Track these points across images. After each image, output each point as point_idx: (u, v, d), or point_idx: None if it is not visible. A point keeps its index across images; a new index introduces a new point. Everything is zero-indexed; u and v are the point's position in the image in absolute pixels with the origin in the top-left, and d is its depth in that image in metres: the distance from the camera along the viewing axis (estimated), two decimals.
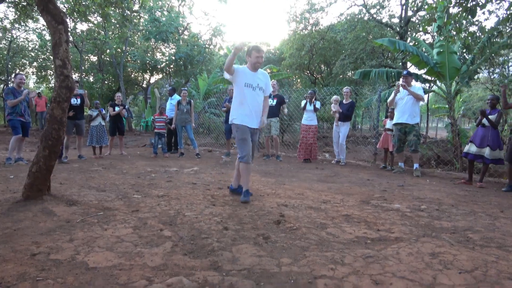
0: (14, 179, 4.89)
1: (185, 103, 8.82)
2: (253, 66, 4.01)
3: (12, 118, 6.65)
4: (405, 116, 6.66)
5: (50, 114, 3.48)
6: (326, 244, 2.61)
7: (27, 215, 3.05)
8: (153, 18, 12.24)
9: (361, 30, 15.24)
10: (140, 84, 23.60)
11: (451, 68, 7.81)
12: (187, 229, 2.87)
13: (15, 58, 21.59)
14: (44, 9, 3.38)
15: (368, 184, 5.45)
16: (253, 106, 3.97)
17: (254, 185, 5.06)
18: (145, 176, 5.59)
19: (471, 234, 2.94)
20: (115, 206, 3.51)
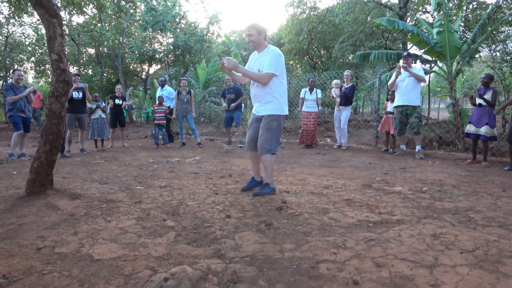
0: (17, 175, 4.93)
1: (185, 92, 8.78)
2: (251, 47, 3.77)
3: (13, 114, 6.66)
4: (406, 98, 6.61)
5: (49, 109, 3.47)
6: (328, 229, 2.63)
7: (31, 210, 3.08)
8: (149, 7, 12.11)
9: (360, 12, 15.04)
10: (139, 75, 23.49)
11: (451, 47, 7.71)
12: (190, 218, 2.90)
13: (12, 53, 21.48)
14: (37, 3, 3.34)
15: (370, 168, 5.45)
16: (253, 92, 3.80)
17: None
18: (147, 167, 5.62)
19: (473, 214, 2.95)
20: (118, 198, 3.53)
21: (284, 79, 3.64)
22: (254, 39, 3.58)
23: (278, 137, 3.67)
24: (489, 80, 5.93)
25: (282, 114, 3.63)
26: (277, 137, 3.65)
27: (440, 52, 7.81)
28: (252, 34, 3.56)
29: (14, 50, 21.55)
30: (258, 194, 3.66)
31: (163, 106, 8.88)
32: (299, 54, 18.87)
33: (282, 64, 3.58)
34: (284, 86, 3.66)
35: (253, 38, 3.57)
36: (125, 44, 18.17)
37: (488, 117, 5.71)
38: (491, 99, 5.72)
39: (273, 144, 3.60)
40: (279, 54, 3.57)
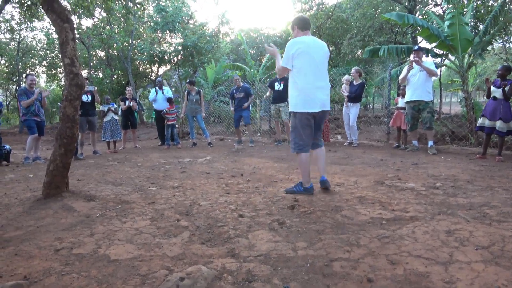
0: (33, 178, 5.03)
1: (194, 92, 8.84)
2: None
3: (28, 118, 6.80)
4: (419, 93, 6.53)
5: (62, 112, 3.54)
6: (341, 227, 2.63)
7: (48, 213, 3.15)
8: (159, 8, 12.19)
9: (368, 6, 14.91)
10: (148, 77, 23.70)
11: (463, 40, 7.59)
12: (203, 218, 2.93)
13: (24, 58, 21.87)
14: (49, 9, 3.40)
15: (382, 164, 5.42)
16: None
17: (268, 171, 5.09)
18: (160, 168, 5.68)
19: (488, 209, 2.91)
20: (132, 199, 3.58)
21: (298, 72, 3.48)
22: (293, 35, 3.68)
23: (298, 135, 3.57)
24: (505, 72, 5.79)
25: (296, 111, 3.54)
26: (298, 135, 3.57)
27: (451, 45, 7.70)
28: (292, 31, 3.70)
29: (26, 55, 21.94)
30: (288, 191, 3.69)
31: (173, 106, 8.95)
32: None
33: (290, 54, 3.46)
34: (301, 80, 3.48)
35: (293, 34, 3.68)
36: (134, 46, 18.33)
37: (502, 111, 5.61)
38: (508, 93, 5.61)
39: (295, 143, 3.61)
40: (289, 44, 3.52)
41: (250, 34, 28.35)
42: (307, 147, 3.61)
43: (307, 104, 3.48)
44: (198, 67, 14.73)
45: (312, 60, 3.46)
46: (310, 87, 3.47)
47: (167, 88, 9.80)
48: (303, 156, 3.59)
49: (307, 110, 3.49)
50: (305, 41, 3.49)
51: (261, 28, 29.40)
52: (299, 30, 3.60)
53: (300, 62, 3.46)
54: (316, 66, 3.49)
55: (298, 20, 3.62)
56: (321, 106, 3.51)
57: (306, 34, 3.59)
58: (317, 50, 3.53)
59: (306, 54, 3.45)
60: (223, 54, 18.44)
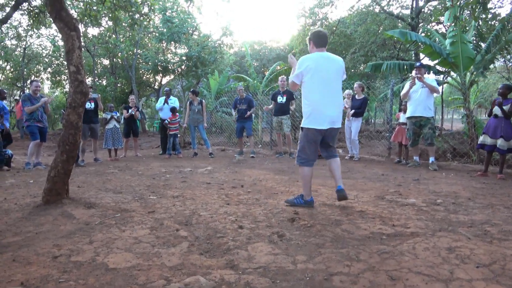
0: (34, 184, 5.03)
1: (197, 103, 8.88)
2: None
3: (30, 124, 6.83)
4: (420, 109, 6.56)
5: (66, 119, 3.56)
6: (341, 241, 2.61)
7: (47, 219, 3.14)
8: (165, 19, 12.34)
9: (371, 23, 15.07)
10: (152, 86, 23.85)
11: (465, 58, 7.65)
12: (203, 228, 2.91)
13: (30, 64, 22.07)
14: (57, 17, 3.46)
15: (383, 179, 5.41)
16: None
17: (268, 183, 5.09)
18: (160, 177, 5.67)
19: (489, 227, 2.90)
20: (132, 208, 3.58)
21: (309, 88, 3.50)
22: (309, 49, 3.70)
23: (303, 149, 3.60)
24: (506, 90, 5.83)
25: (303, 126, 3.57)
26: (302, 149, 3.60)
27: (453, 63, 7.75)
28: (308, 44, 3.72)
29: (31, 61, 22.15)
30: (288, 202, 3.72)
31: (177, 116, 8.99)
32: None
33: (300, 71, 3.49)
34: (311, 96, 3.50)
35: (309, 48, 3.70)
36: (139, 55, 18.51)
37: (504, 129, 5.62)
38: (508, 111, 5.63)
39: (298, 156, 3.65)
40: (300, 60, 3.56)
41: (254, 47, 28.62)
42: (311, 161, 3.61)
43: (315, 120, 3.48)
44: (202, 77, 14.86)
45: (322, 78, 3.45)
46: (319, 105, 3.47)
47: (174, 98, 9.86)
48: (305, 170, 3.61)
49: (314, 126, 3.48)
50: (317, 58, 3.50)
51: (265, 41, 29.71)
52: (314, 46, 3.61)
53: (310, 79, 3.47)
54: (326, 84, 3.46)
55: (315, 36, 3.61)
56: (329, 123, 3.48)
57: (321, 51, 3.58)
58: (329, 68, 3.50)
59: (316, 72, 3.44)
60: (226, 65, 18.60)
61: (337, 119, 3.55)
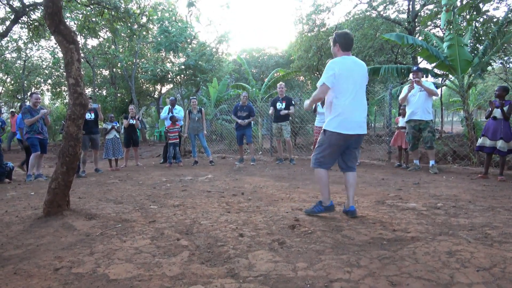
0: (35, 196, 5.04)
1: (196, 111, 8.92)
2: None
3: (30, 136, 6.86)
4: (419, 112, 6.59)
5: (66, 131, 3.59)
6: (341, 247, 2.61)
7: (48, 231, 3.15)
8: (163, 29, 12.46)
9: (368, 28, 15.15)
10: (152, 95, 23.96)
11: (462, 61, 7.69)
12: (203, 237, 2.92)
13: (30, 76, 22.20)
14: (55, 30, 3.50)
15: (383, 184, 5.41)
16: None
17: (269, 190, 5.09)
18: (161, 186, 5.68)
19: (489, 230, 2.90)
20: (133, 218, 3.58)
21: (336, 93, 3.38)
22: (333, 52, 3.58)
23: (322, 151, 3.47)
24: (503, 92, 5.86)
25: (328, 129, 3.43)
26: (321, 151, 3.47)
27: (451, 66, 7.79)
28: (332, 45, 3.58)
29: (31, 73, 22.28)
30: (308, 212, 3.59)
31: (177, 125, 9.01)
32: (309, 71, 19.01)
33: (330, 73, 3.35)
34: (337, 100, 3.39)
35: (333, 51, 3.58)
36: (138, 65, 18.62)
37: (503, 131, 5.64)
38: (507, 112, 5.65)
39: (315, 158, 3.52)
40: (330, 64, 3.42)
41: (253, 54, 28.75)
42: (327, 164, 3.49)
43: (342, 125, 3.36)
44: (201, 85, 14.92)
45: (351, 82, 3.37)
46: (348, 110, 3.36)
47: (179, 107, 9.91)
48: (321, 172, 3.48)
49: (340, 131, 3.36)
50: (346, 62, 3.40)
51: (263, 48, 29.84)
52: (341, 49, 3.49)
53: (340, 83, 3.36)
54: (355, 89, 3.39)
55: (342, 38, 3.46)
56: (357, 129, 3.39)
57: (347, 55, 3.49)
58: (358, 72, 3.43)
59: (347, 76, 3.36)
60: (226, 73, 18.68)
61: (364, 124, 3.46)
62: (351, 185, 3.54)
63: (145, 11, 10.39)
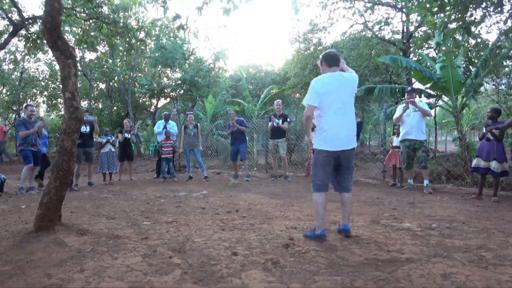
0: (26, 209, 4.96)
1: (192, 126, 8.93)
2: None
3: (24, 148, 6.80)
4: (413, 132, 6.65)
5: (60, 145, 3.57)
6: (335, 268, 2.59)
7: (39, 246, 3.09)
8: (159, 46, 12.59)
9: (364, 47, 15.41)
10: (148, 109, 23.98)
11: (455, 82, 7.81)
12: (196, 255, 2.88)
13: (26, 88, 22.18)
14: (53, 45, 3.52)
15: (378, 203, 5.41)
16: None
17: (264, 207, 5.07)
18: (154, 201, 5.63)
19: (484, 252, 2.89)
20: (125, 234, 3.53)
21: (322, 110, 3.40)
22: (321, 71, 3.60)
23: (317, 173, 3.45)
24: (494, 114, 5.95)
25: (315, 147, 3.46)
26: (317, 173, 3.45)
27: (444, 87, 7.91)
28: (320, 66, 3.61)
29: (28, 85, 22.26)
30: (303, 235, 3.47)
31: (170, 140, 9.00)
32: (305, 88, 19.19)
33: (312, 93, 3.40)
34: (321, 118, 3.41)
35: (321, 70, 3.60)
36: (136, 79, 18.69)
37: (496, 152, 5.69)
38: (499, 134, 5.73)
39: (313, 182, 3.48)
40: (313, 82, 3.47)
41: (249, 70, 29.03)
42: (324, 187, 3.44)
43: (328, 142, 3.37)
44: (197, 101, 14.99)
45: (334, 98, 3.35)
46: (332, 127, 3.36)
47: (173, 122, 9.91)
48: (317, 196, 3.43)
49: (325, 148, 3.37)
50: (329, 79, 3.41)
51: (260, 65, 30.17)
52: (327, 66, 3.52)
53: (323, 100, 3.38)
54: (339, 105, 3.36)
55: (326, 56, 3.53)
56: (342, 144, 3.36)
57: (334, 71, 3.49)
58: (343, 87, 3.39)
59: (330, 92, 3.35)
60: (222, 89, 18.80)
61: (351, 138, 3.41)
62: (346, 205, 3.53)
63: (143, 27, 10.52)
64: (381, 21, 15.68)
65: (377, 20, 15.69)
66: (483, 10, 5.48)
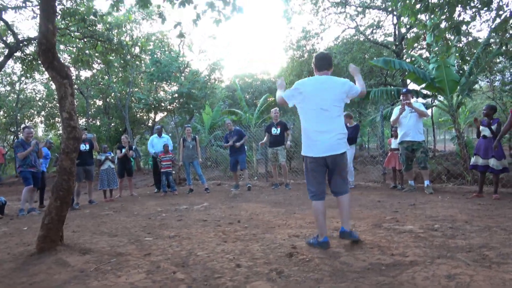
0: (28, 231, 4.95)
1: (190, 139, 8.95)
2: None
3: (23, 169, 6.81)
4: (411, 133, 6.66)
5: (59, 165, 3.57)
6: (340, 275, 2.58)
7: (41, 268, 3.08)
8: (154, 60, 12.68)
9: (357, 51, 15.52)
10: (146, 123, 24.01)
11: (449, 82, 7.86)
12: (200, 269, 2.87)
13: (23, 109, 22.23)
14: (49, 66, 3.54)
15: (379, 206, 5.40)
16: None
17: (265, 216, 5.06)
18: (156, 216, 5.62)
19: (487, 251, 2.89)
20: (128, 251, 3.52)
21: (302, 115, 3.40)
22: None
23: (308, 180, 3.42)
24: (490, 111, 5.97)
25: (302, 154, 3.45)
26: (308, 180, 3.43)
27: (439, 87, 7.96)
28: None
29: (25, 105, 22.32)
30: (306, 243, 3.43)
31: (169, 153, 9.01)
32: None
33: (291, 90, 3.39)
34: (304, 123, 3.39)
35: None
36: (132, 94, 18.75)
37: (493, 149, 5.70)
38: (495, 131, 5.74)
39: (308, 189, 3.46)
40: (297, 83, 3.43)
41: (245, 79, 29.16)
42: (319, 194, 3.36)
43: (310, 148, 3.34)
44: (194, 113, 15.04)
45: (318, 102, 3.27)
46: (312, 131, 3.31)
47: (166, 136, 9.92)
48: (314, 204, 3.39)
49: (310, 154, 3.34)
50: (311, 83, 3.34)
51: (255, 74, 30.31)
52: (316, 69, 3.46)
53: (302, 105, 3.35)
54: (319, 110, 3.27)
55: (315, 59, 3.46)
56: (328, 150, 3.25)
57: (325, 74, 3.40)
58: (328, 91, 3.29)
59: (310, 97, 3.29)
60: (219, 99, 18.88)
61: (335, 145, 3.27)
62: (343, 208, 3.42)
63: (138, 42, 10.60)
64: (373, 25, 15.83)
65: (368, 24, 15.83)
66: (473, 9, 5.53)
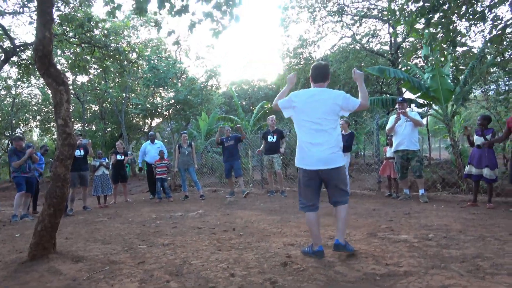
0: (20, 237, 4.90)
1: (186, 145, 8.94)
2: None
3: (17, 175, 6.77)
4: (406, 142, 6.69)
5: (53, 172, 3.55)
6: (334, 285, 2.58)
7: (33, 276, 3.05)
8: (151, 66, 12.71)
9: (353, 60, 15.64)
10: (142, 129, 23.97)
11: (444, 91, 7.92)
12: (194, 278, 2.85)
13: (18, 113, 22.12)
14: (45, 73, 3.54)
15: (374, 215, 5.41)
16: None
17: (260, 224, 5.04)
18: (150, 223, 5.59)
19: (481, 261, 2.90)
20: (121, 259, 3.50)
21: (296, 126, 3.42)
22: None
23: (300, 192, 3.42)
24: (484, 121, 6.01)
25: (296, 165, 3.43)
26: (300, 192, 3.42)
27: (434, 96, 8.02)
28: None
29: (20, 110, 22.21)
30: (302, 252, 3.41)
31: (164, 160, 8.98)
32: None
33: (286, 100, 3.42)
34: (299, 134, 3.39)
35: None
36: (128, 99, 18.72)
37: (488, 158, 5.75)
38: (491, 140, 5.78)
39: (299, 200, 3.45)
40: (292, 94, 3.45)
41: (242, 86, 29.25)
42: (311, 206, 3.34)
43: (303, 159, 3.33)
44: (191, 119, 15.04)
45: (310, 115, 3.26)
46: (305, 143, 3.30)
47: (159, 142, 9.91)
48: (307, 216, 3.37)
49: (303, 166, 3.32)
50: (305, 96, 3.34)
51: (252, 80, 30.43)
52: (312, 81, 3.44)
53: (296, 117, 3.37)
54: (311, 123, 3.26)
55: (312, 70, 3.44)
56: (319, 164, 3.22)
57: (320, 86, 3.39)
58: (321, 103, 3.25)
59: (302, 110, 3.30)
60: (215, 106, 18.89)
61: (329, 159, 3.22)
62: (339, 218, 3.36)
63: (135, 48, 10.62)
64: (368, 33, 15.98)
65: (365, 33, 15.97)
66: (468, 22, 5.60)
